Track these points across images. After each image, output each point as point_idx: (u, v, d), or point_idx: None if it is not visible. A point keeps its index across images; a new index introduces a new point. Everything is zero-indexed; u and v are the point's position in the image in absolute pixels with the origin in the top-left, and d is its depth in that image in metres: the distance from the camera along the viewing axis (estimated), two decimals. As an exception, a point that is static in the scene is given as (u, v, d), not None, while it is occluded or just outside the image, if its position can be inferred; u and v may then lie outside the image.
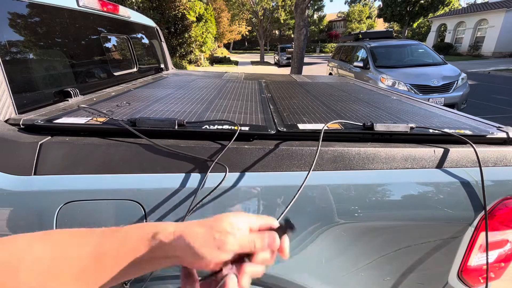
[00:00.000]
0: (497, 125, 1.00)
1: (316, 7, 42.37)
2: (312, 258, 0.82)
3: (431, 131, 0.87)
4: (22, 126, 0.82)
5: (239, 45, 51.21)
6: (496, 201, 0.81)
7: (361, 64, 6.37)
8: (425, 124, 0.96)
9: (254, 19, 26.68)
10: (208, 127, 0.81)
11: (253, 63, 22.99)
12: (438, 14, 25.34)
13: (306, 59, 12.87)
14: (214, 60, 20.36)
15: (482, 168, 0.78)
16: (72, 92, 1.16)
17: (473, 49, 21.35)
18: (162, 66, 2.53)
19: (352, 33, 9.60)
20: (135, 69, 2.00)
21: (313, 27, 46.34)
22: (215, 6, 22.58)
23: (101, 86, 1.46)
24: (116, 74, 1.68)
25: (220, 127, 0.82)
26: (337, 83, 2.13)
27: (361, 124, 0.88)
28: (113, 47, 1.78)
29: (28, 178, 0.71)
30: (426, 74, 5.49)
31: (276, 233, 0.42)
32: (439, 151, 0.82)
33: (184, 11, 12.39)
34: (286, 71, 13.87)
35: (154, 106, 1.08)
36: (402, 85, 5.29)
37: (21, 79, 0.96)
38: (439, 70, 5.73)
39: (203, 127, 0.81)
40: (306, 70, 13.00)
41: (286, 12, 27.02)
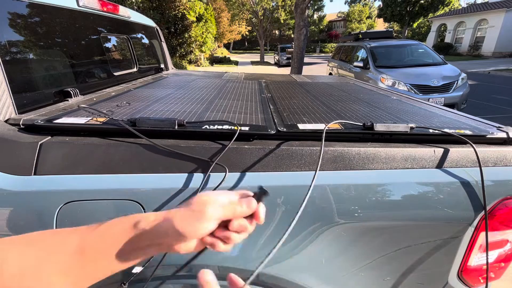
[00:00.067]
0: (497, 125, 1.00)
1: (316, 7, 42.36)
2: (312, 258, 0.82)
3: (431, 131, 0.87)
4: (22, 126, 0.82)
5: (239, 45, 51.20)
6: (496, 201, 0.81)
7: (361, 64, 6.37)
8: (425, 124, 0.96)
9: (254, 19, 26.68)
10: (208, 127, 0.81)
11: (253, 63, 22.99)
12: (438, 14, 25.34)
13: (306, 59, 12.87)
14: (214, 60, 20.36)
15: (482, 168, 0.78)
16: (72, 92, 1.16)
17: (473, 49, 21.35)
18: (162, 66, 2.53)
19: (352, 33, 9.59)
20: (135, 69, 2.00)
21: (313, 27, 46.34)
22: (215, 6, 22.58)
23: (101, 86, 1.46)
24: (116, 74, 1.68)
25: (220, 127, 0.82)
26: (337, 83, 2.13)
27: (361, 124, 0.88)
28: (113, 47, 1.78)
29: (28, 178, 0.71)
30: (426, 74, 5.49)
31: (253, 198, 0.44)
32: (439, 151, 0.82)
33: (184, 11, 12.40)
34: (286, 71, 13.88)
35: (154, 106, 1.08)
36: (402, 85, 5.29)
37: (21, 79, 0.96)
38: (439, 70, 5.73)
39: (203, 127, 0.81)
40: (306, 70, 13.00)
41: (286, 12, 27.02)
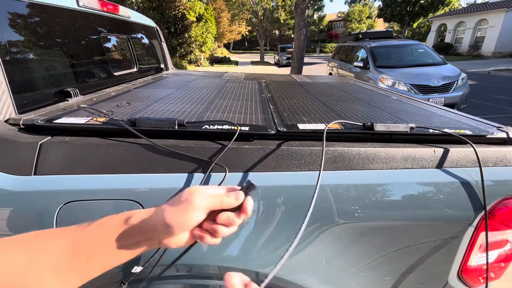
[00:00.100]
0: (497, 125, 1.00)
1: (316, 7, 42.36)
2: (312, 258, 0.82)
3: (431, 131, 0.87)
4: (22, 126, 0.82)
5: (239, 45, 51.20)
6: (496, 201, 0.81)
7: (361, 64, 6.37)
8: (425, 124, 0.96)
9: (254, 19, 26.68)
10: (208, 127, 0.81)
11: (253, 63, 22.99)
12: (438, 14, 25.34)
13: (306, 59, 12.87)
14: (214, 60, 20.36)
15: (482, 168, 0.78)
16: (72, 92, 1.16)
17: (473, 49, 21.35)
18: (162, 66, 2.53)
19: (352, 33, 9.59)
20: (135, 69, 2.00)
21: (313, 27, 46.34)
22: (215, 6, 22.58)
23: (101, 86, 1.46)
24: (116, 74, 1.68)
25: (220, 127, 0.82)
26: (337, 83, 2.13)
27: (361, 124, 0.88)
28: (113, 47, 1.78)
29: (28, 178, 0.71)
30: (426, 74, 5.49)
31: (241, 191, 0.45)
32: (439, 151, 0.82)
33: (184, 11, 12.39)
34: (286, 71, 13.88)
35: (154, 106, 1.08)
36: (402, 85, 5.29)
37: (21, 79, 0.96)
38: (439, 70, 5.73)
39: (203, 127, 0.81)
40: (306, 70, 13.00)
41: (286, 12, 27.02)
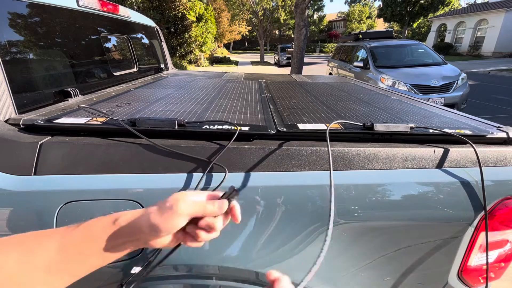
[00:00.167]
0: (497, 125, 1.00)
1: (316, 7, 42.36)
2: (312, 258, 0.82)
3: (431, 131, 0.87)
4: (22, 126, 0.82)
5: (239, 45, 51.19)
6: (496, 201, 0.81)
7: (361, 64, 6.37)
8: (425, 124, 0.96)
9: (254, 19, 26.68)
10: (208, 127, 0.81)
11: (253, 63, 22.98)
12: (438, 14, 25.33)
13: (306, 59, 12.87)
14: (214, 60, 20.35)
15: (482, 168, 0.78)
16: (72, 92, 1.16)
17: (473, 49, 21.35)
18: (162, 66, 2.53)
19: (352, 33, 9.58)
20: (135, 69, 2.00)
21: (313, 27, 46.33)
22: (215, 6, 22.57)
23: (101, 86, 1.46)
24: (116, 74, 1.68)
25: (220, 127, 0.82)
26: (337, 83, 2.13)
27: (361, 124, 0.88)
28: (113, 47, 1.78)
29: (28, 178, 0.71)
30: (426, 74, 5.49)
31: (225, 200, 0.46)
32: (439, 151, 0.82)
33: (184, 11, 12.39)
34: (286, 71, 13.88)
35: (154, 106, 1.08)
36: (402, 85, 5.29)
37: (21, 79, 0.96)
38: (439, 70, 5.73)
39: (203, 127, 0.81)
40: (306, 70, 13.00)
41: (286, 12, 27.01)
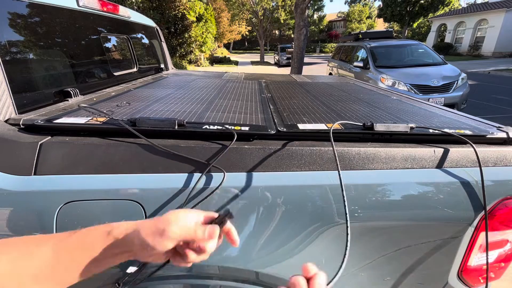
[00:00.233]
0: (497, 125, 1.00)
1: (316, 7, 42.36)
2: (312, 258, 0.82)
3: (431, 131, 0.87)
4: (22, 126, 0.82)
5: (239, 45, 51.19)
6: (496, 201, 0.81)
7: (361, 64, 6.37)
8: (425, 124, 0.96)
9: (254, 19, 26.67)
10: (208, 128, 0.81)
11: (253, 63, 22.98)
12: (438, 14, 25.33)
13: (306, 59, 12.87)
14: (214, 60, 20.35)
15: (482, 168, 0.78)
16: (72, 92, 1.16)
17: (473, 49, 21.34)
18: (162, 66, 2.53)
19: (352, 33, 9.59)
20: (135, 69, 2.00)
21: (313, 27, 46.33)
22: (215, 6, 22.57)
23: (101, 86, 1.46)
24: (116, 74, 1.68)
25: (220, 127, 0.82)
26: (337, 83, 2.13)
27: (361, 124, 0.88)
28: (113, 47, 1.78)
29: (28, 178, 0.71)
30: (426, 74, 5.49)
31: (217, 226, 0.46)
32: (439, 151, 0.82)
33: (184, 11, 12.39)
34: (286, 71, 13.87)
35: (154, 106, 1.08)
36: (402, 85, 5.29)
37: (21, 79, 0.96)
38: (439, 70, 5.73)
39: (203, 128, 0.82)
40: (306, 70, 13.00)
41: (286, 12, 27.01)
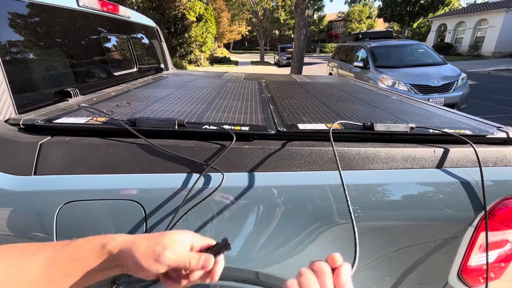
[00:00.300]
0: (497, 125, 1.00)
1: (316, 7, 42.37)
2: (312, 258, 0.82)
3: (431, 131, 0.87)
4: (22, 126, 0.82)
5: (239, 45, 51.19)
6: (496, 201, 0.81)
7: (361, 64, 6.37)
8: (425, 124, 0.96)
9: (254, 19, 26.67)
10: (208, 128, 0.81)
11: (253, 63, 22.98)
12: (438, 14, 25.33)
13: (306, 59, 12.87)
14: (214, 60, 20.35)
15: (482, 168, 0.78)
16: (72, 92, 1.16)
17: (473, 49, 21.34)
18: (162, 66, 2.53)
19: (352, 33, 9.58)
20: (135, 69, 2.00)
21: (313, 27, 46.33)
22: (215, 6, 22.56)
23: (101, 86, 1.46)
24: (116, 74, 1.68)
25: (220, 127, 0.82)
26: (337, 83, 2.13)
27: (361, 124, 0.88)
28: (113, 47, 1.78)
29: (28, 178, 0.71)
30: (426, 74, 5.49)
31: (212, 256, 0.44)
32: (439, 151, 0.82)
33: (184, 11, 12.39)
34: (286, 71, 13.87)
35: (154, 106, 1.08)
36: (402, 85, 5.29)
37: (21, 79, 0.96)
38: (439, 70, 5.73)
39: (203, 128, 0.82)
40: (306, 70, 13.00)
41: (286, 12, 27.01)
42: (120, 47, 1.87)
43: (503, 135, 0.90)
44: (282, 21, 28.97)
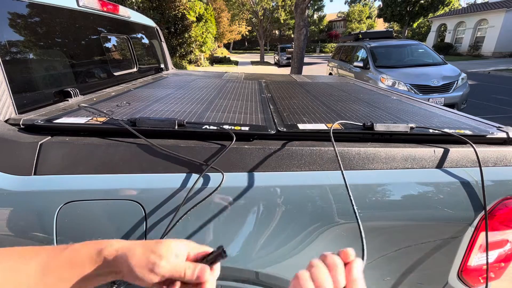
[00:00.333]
0: (497, 125, 1.00)
1: (316, 7, 42.37)
2: (312, 258, 0.82)
3: (431, 131, 0.87)
4: (22, 126, 0.82)
5: (239, 45, 51.17)
6: (496, 201, 0.81)
7: (361, 64, 6.37)
8: (425, 124, 0.96)
9: (254, 19, 26.67)
10: (208, 128, 0.81)
11: (253, 63, 22.98)
12: (438, 14, 25.33)
13: (306, 59, 12.87)
14: (214, 60, 20.35)
15: (482, 168, 0.78)
16: (72, 92, 1.16)
17: (473, 49, 21.34)
18: (162, 66, 2.53)
19: (352, 33, 9.58)
20: (135, 69, 2.00)
21: (313, 27, 46.32)
22: (215, 6, 22.56)
23: (101, 86, 1.46)
24: (116, 74, 1.68)
25: (220, 127, 0.82)
26: (337, 83, 2.13)
27: (361, 124, 0.88)
28: (113, 47, 1.78)
29: (28, 178, 0.71)
30: (426, 74, 5.49)
31: (207, 266, 0.43)
32: (439, 151, 0.82)
33: (184, 11, 12.39)
34: (286, 71, 13.87)
35: (154, 106, 1.08)
36: (402, 85, 5.29)
37: (21, 79, 0.96)
38: (439, 70, 5.73)
39: (203, 128, 0.82)
40: (306, 70, 13.00)
41: (286, 12, 27.01)
42: (120, 47, 1.87)
43: (503, 135, 0.90)
44: (282, 21, 28.97)
